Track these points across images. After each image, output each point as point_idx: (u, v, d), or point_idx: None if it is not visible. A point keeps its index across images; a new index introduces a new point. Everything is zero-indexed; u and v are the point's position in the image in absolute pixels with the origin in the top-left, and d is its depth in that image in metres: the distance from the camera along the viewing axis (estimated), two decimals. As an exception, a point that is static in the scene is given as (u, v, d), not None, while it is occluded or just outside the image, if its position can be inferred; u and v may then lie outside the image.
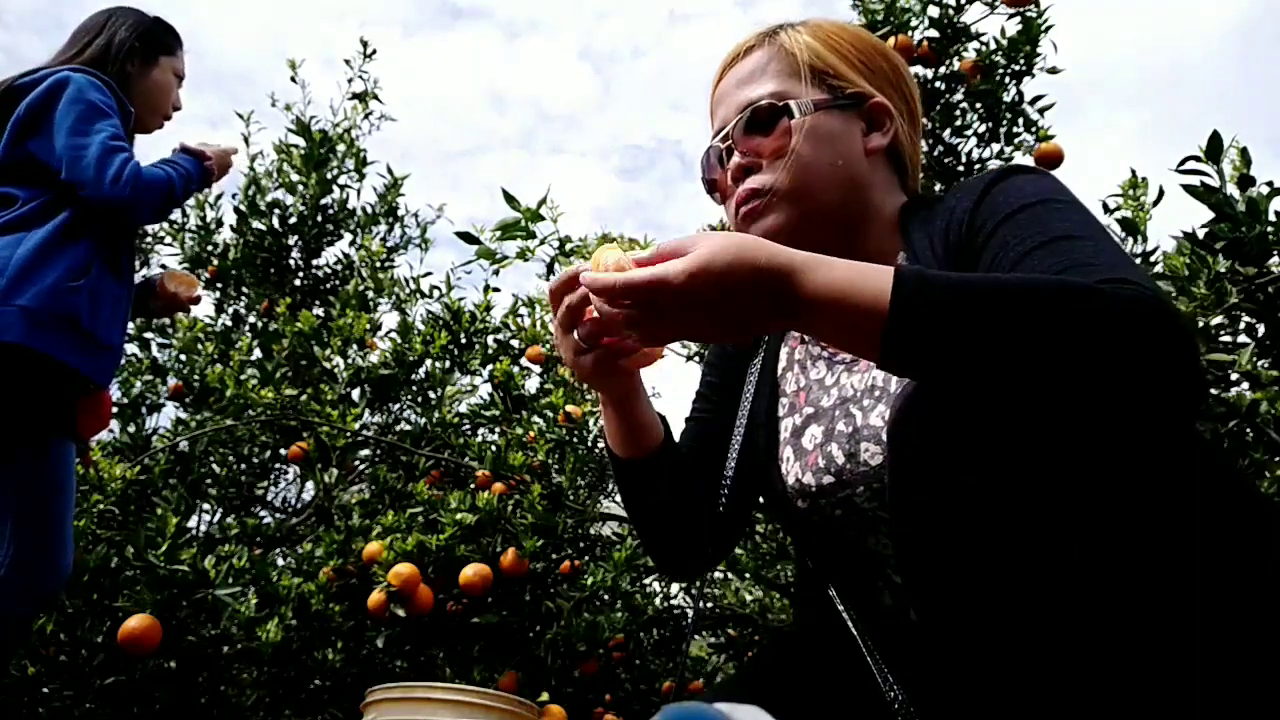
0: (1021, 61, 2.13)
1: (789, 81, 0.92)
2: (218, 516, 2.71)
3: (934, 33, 2.18)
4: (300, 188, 3.32)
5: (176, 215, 3.33)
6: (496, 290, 2.72)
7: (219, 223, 3.36)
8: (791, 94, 0.91)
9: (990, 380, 0.64)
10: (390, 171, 3.52)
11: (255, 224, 3.30)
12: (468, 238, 2.07)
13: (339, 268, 3.45)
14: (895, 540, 0.76)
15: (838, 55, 0.94)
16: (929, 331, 0.63)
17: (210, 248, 3.32)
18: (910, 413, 0.69)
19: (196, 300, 1.95)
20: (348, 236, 3.47)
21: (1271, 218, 1.52)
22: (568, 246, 2.44)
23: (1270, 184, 1.55)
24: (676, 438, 1.03)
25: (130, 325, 3.05)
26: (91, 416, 1.64)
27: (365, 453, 2.76)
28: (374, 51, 3.57)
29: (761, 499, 1.01)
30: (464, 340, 2.70)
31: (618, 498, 2.81)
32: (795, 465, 0.91)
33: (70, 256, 1.58)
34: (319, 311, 3.28)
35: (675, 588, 2.71)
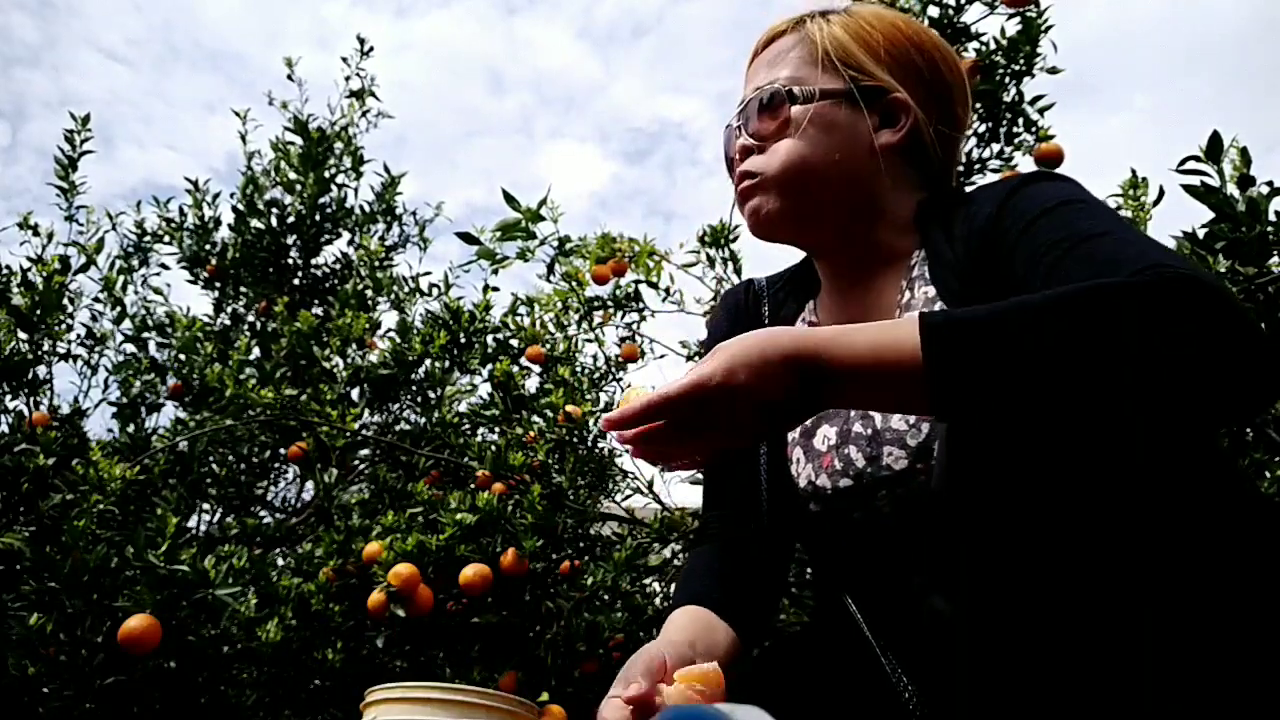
0: (1021, 62, 2.13)
1: (806, 68, 0.91)
2: (218, 516, 2.71)
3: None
4: (298, 186, 3.31)
5: (174, 214, 3.33)
6: (496, 289, 2.71)
7: (217, 222, 3.35)
8: (805, 81, 0.90)
9: (1049, 402, 0.61)
10: (388, 170, 3.52)
11: (253, 223, 3.29)
12: (468, 238, 2.07)
13: (338, 267, 3.45)
14: (945, 545, 0.75)
15: (863, 46, 0.92)
16: (973, 371, 0.62)
17: (208, 247, 3.31)
18: (964, 429, 0.69)
19: None
20: (346, 235, 3.46)
21: (1271, 218, 1.52)
22: (567, 246, 2.44)
23: (1270, 184, 1.55)
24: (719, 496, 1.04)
25: (129, 325, 3.07)
26: None
27: (365, 452, 2.76)
28: (371, 49, 3.56)
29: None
30: (463, 340, 2.70)
31: (618, 497, 2.81)
32: (807, 467, 0.90)
33: None
34: (318, 311, 3.28)
35: (675, 587, 2.71)
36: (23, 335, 2.50)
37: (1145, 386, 0.59)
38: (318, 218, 3.35)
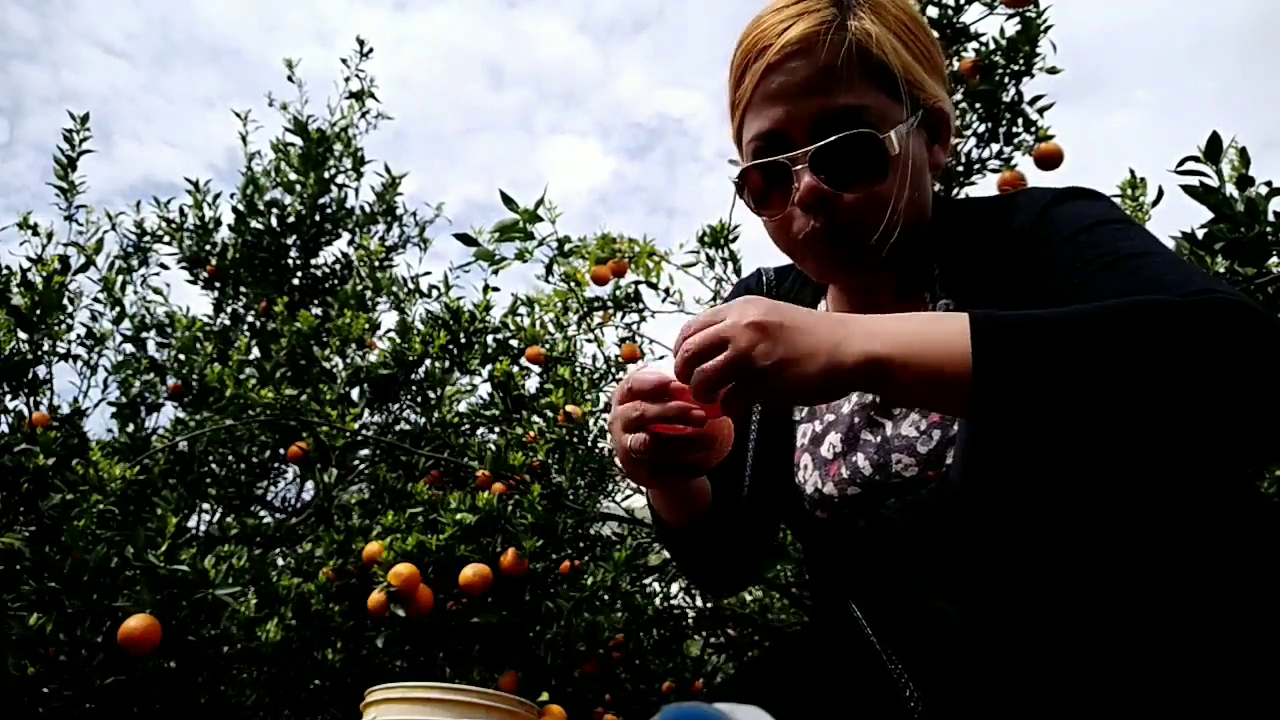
0: (1021, 62, 2.13)
1: (874, 92, 0.79)
2: (218, 516, 2.71)
3: (933, 33, 2.18)
4: (298, 187, 3.32)
5: (174, 214, 3.34)
6: (496, 290, 2.72)
7: (217, 222, 3.35)
8: (879, 111, 0.79)
9: (1094, 414, 0.59)
10: (388, 170, 3.52)
11: (253, 223, 3.30)
12: (466, 239, 2.07)
13: (337, 267, 3.45)
14: (957, 550, 0.75)
15: (916, 56, 0.83)
16: (1024, 375, 0.59)
17: (208, 247, 3.32)
18: (984, 443, 0.68)
19: None
20: (346, 236, 3.47)
21: (1270, 218, 1.53)
22: (566, 247, 2.44)
23: (1269, 184, 1.56)
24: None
25: (128, 326, 3.07)
26: None
27: (365, 452, 2.76)
28: (370, 50, 3.56)
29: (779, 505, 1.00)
30: (463, 340, 2.70)
31: (618, 497, 2.82)
32: (814, 474, 0.89)
33: None
34: (317, 311, 3.28)
35: (675, 588, 2.71)
36: (23, 335, 2.51)
37: (1193, 406, 0.58)
38: (318, 218, 3.35)
